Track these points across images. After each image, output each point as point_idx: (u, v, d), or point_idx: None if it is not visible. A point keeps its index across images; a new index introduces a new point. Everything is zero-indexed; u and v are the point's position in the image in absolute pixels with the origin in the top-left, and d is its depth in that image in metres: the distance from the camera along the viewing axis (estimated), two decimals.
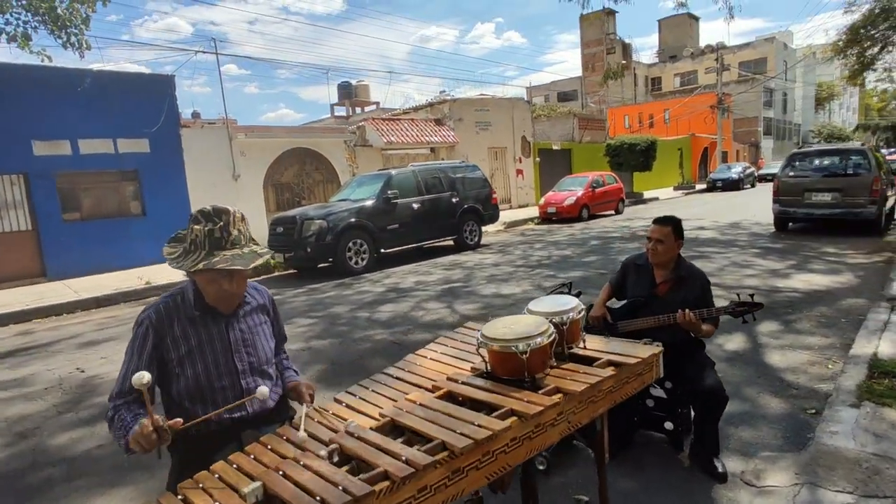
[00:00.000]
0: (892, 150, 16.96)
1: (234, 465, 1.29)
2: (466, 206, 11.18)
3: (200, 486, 1.21)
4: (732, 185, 24.61)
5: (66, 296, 8.50)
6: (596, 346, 1.79)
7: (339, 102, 38.74)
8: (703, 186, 26.47)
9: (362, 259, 9.36)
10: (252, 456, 1.33)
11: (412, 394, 1.54)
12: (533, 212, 17.50)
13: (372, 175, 11.02)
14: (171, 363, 1.55)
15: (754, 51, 43.04)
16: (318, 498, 1.05)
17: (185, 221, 1.62)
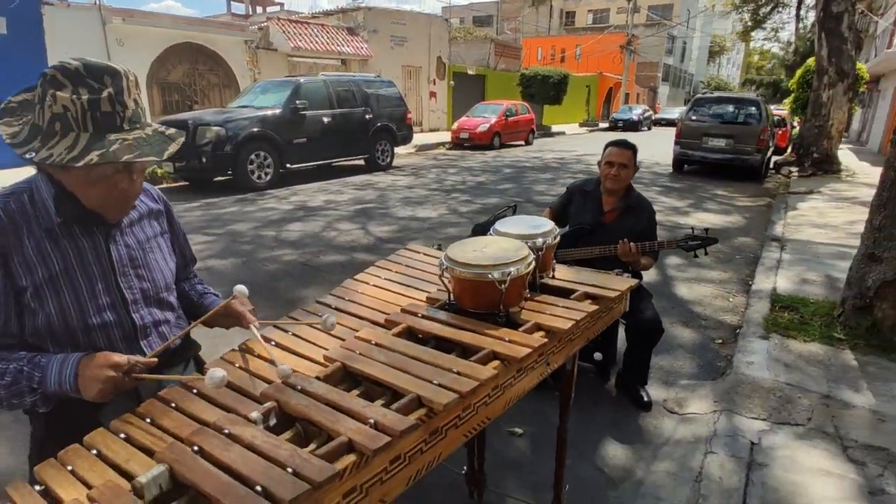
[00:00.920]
0: (777, 105, 18.49)
1: (123, 435, 0.91)
2: (380, 123, 10.51)
3: (69, 467, 0.82)
4: (632, 126, 25.82)
5: None
6: (567, 275, 1.58)
7: None
8: (606, 125, 27.50)
9: (266, 174, 8.53)
10: (149, 419, 0.94)
11: (362, 330, 1.22)
12: (445, 136, 17.10)
13: (278, 82, 9.90)
14: (24, 294, 1.07)
15: None
16: (257, 488, 0.71)
17: None
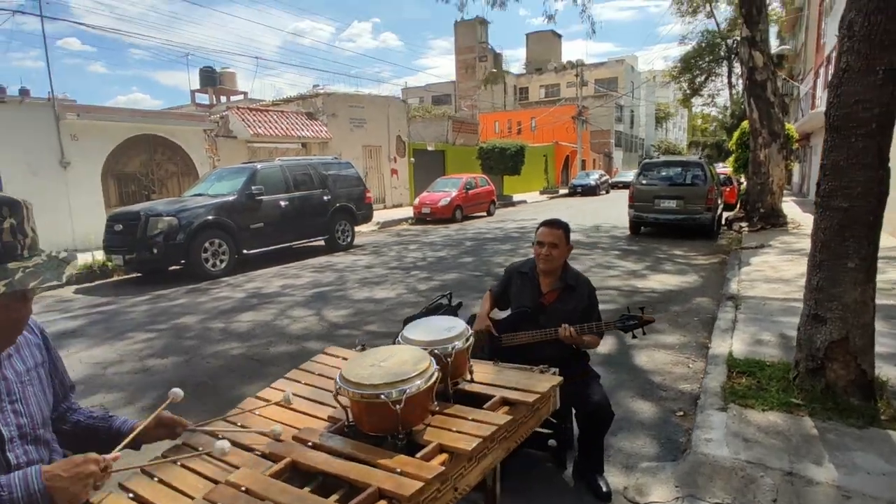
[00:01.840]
0: (722, 164, 19.60)
1: None
2: (339, 204, 10.57)
3: None
4: (591, 191, 26.81)
5: None
6: (486, 377, 1.46)
7: (202, 89, 35.83)
8: (566, 191, 28.48)
9: (221, 261, 8.35)
10: None
11: (237, 472, 1.07)
12: (407, 212, 17.29)
13: (234, 169, 9.95)
14: None
15: (608, 70, 47.39)
16: None
17: None
